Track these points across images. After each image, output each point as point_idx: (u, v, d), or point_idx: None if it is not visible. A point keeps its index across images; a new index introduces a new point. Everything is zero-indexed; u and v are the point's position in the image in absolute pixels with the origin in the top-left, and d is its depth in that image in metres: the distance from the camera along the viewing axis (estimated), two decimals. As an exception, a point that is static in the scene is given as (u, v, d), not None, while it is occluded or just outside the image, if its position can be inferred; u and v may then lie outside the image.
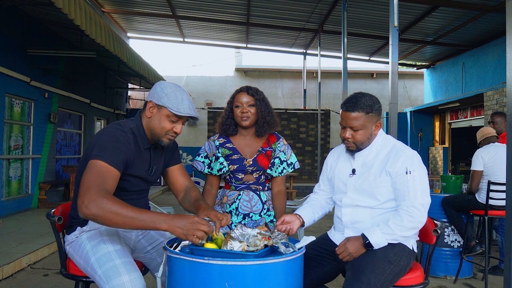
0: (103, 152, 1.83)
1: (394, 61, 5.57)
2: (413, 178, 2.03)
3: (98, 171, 1.79)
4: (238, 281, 1.58)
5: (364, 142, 2.14)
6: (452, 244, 4.34)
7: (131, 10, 11.48)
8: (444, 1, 8.71)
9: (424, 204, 2.02)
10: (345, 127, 2.14)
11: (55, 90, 8.64)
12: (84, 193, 1.71)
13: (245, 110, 2.48)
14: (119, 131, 1.94)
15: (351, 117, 2.09)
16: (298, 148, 14.45)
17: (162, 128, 1.98)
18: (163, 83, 2.01)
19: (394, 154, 2.10)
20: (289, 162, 2.61)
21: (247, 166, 2.51)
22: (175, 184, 2.26)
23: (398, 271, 2.02)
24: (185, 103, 1.96)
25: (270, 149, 2.59)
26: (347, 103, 2.12)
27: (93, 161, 1.82)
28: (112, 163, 1.83)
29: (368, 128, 2.11)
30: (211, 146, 2.60)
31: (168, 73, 15.77)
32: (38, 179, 8.17)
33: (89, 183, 1.74)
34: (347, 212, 2.19)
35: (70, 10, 5.03)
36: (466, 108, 11.41)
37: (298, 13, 10.50)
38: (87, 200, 1.69)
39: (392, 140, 2.21)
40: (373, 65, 15.65)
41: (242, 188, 2.54)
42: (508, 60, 2.89)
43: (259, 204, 2.53)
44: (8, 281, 4.07)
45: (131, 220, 1.69)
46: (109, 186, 1.79)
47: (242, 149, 2.56)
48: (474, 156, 4.21)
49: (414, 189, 2.02)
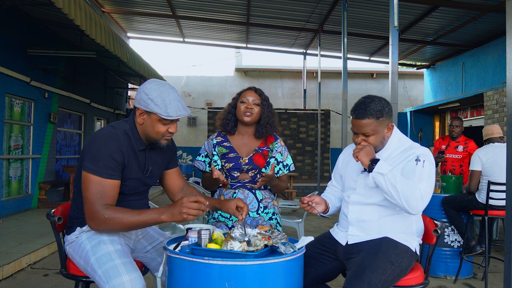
0: (96, 165, 1.86)
1: (394, 61, 5.57)
2: (422, 166, 2.02)
3: (95, 187, 1.85)
4: (238, 281, 1.58)
5: (378, 146, 2.14)
6: (452, 244, 4.34)
7: (131, 10, 11.48)
8: (444, 1, 8.71)
9: (424, 193, 1.98)
10: (357, 133, 2.14)
11: (55, 90, 8.64)
12: (89, 211, 1.85)
13: (250, 107, 2.51)
14: (111, 133, 1.93)
15: (362, 124, 2.09)
16: (298, 148, 14.45)
17: (156, 132, 1.97)
18: (147, 87, 1.94)
19: (408, 150, 2.11)
20: (285, 163, 2.63)
21: (242, 165, 2.52)
22: (172, 186, 2.27)
23: (399, 272, 2.02)
24: (173, 104, 1.91)
25: (267, 149, 2.60)
26: (357, 110, 2.11)
27: (88, 175, 1.87)
28: (107, 175, 1.86)
29: (380, 132, 2.11)
30: (209, 144, 2.63)
31: (168, 73, 15.76)
32: (38, 179, 8.17)
33: (89, 202, 1.85)
34: (354, 210, 2.18)
35: (70, 10, 5.03)
36: (466, 108, 11.41)
37: (298, 13, 10.50)
38: (92, 222, 1.86)
39: (408, 141, 2.20)
40: (373, 65, 15.65)
41: (237, 187, 2.55)
42: (508, 60, 2.89)
43: (255, 203, 2.54)
44: (8, 281, 4.07)
45: (135, 223, 1.86)
46: (109, 199, 1.87)
47: (239, 148, 2.57)
48: (472, 156, 4.25)
49: (420, 175, 2.00)
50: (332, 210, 2.30)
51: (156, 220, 1.83)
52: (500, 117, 8.55)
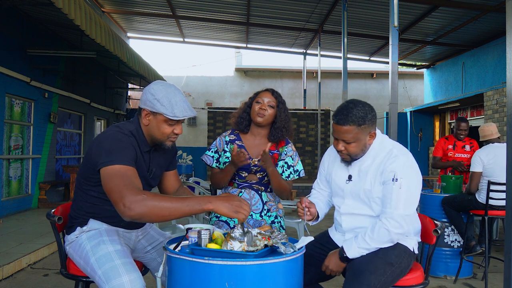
0: (113, 156, 1.79)
1: (394, 61, 5.58)
2: (399, 187, 1.95)
3: (120, 174, 1.74)
4: (238, 281, 1.58)
5: (358, 153, 2.07)
6: (452, 244, 4.34)
7: (131, 10, 11.48)
8: (444, 1, 8.71)
9: (404, 215, 1.96)
10: (338, 139, 2.07)
11: (55, 90, 8.64)
12: (120, 198, 1.67)
13: (264, 108, 2.49)
14: (119, 133, 1.92)
15: (343, 130, 2.00)
16: (298, 148, 14.45)
17: (162, 133, 1.97)
18: (153, 88, 1.95)
19: (386, 160, 2.03)
20: (296, 168, 2.60)
21: (251, 166, 2.51)
22: (168, 187, 2.27)
23: (399, 272, 2.02)
24: (179, 104, 1.92)
25: (277, 152, 2.59)
26: (338, 115, 2.02)
27: (107, 168, 1.77)
28: (126, 162, 1.80)
29: (361, 140, 2.03)
30: (221, 141, 2.63)
31: (168, 73, 15.76)
32: (38, 179, 8.17)
33: (119, 187, 1.69)
34: (347, 220, 2.17)
35: (70, 10, 5.03)
36: (466, 108, 11.41)
37: (298, 13, 10.50)
38: (128, 202, 1.65)
39: (389, 144, 2.11)
40: (373, 65, 15.66)
41: (244, 187, 2.55)
42: (508, 60, 2.89)
43: (259, 204, 2.53)
44: (8, 281, 4.07)
45: (176, 209, 1.68)
46: (138, 184, 1.77)
47: (250, 148, 2.56)
48: (473, 157, 4.22)
49: (397, 198, 1.95)
50: (320, 218, 2.27)
51: (201, 206, 1.70)
52: (500, 117, 8.55)
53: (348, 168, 2.16)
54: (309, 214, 2.15)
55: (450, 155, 5.09)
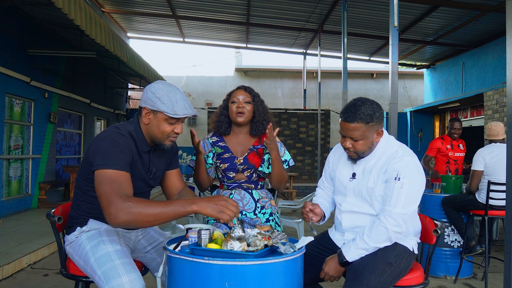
0: (107, 160, 1.81)
1: (394, 61, 5.57)
2: (400, 186, 1.96)
3: (110, 180, 1.76)
4: (238, 281, 1.58)
5: (366, 151, 2.08)
6: (452, 244, 4.34)
7: (131, 10, 11.48)
8: (444, 1, 8.71)
9: (403, 214, 1.96)
10: (345, 136, 2.08)
11: (55, 90, 8.64)
12: (107, 205, 1.71)
13: (241, 106, 2.48)
14: (117, 134, 1.92)
15: (351, 127, 2.02)
16: (298, 148, 14.46)
17: (162, 132, 1.97)
18: (154, 86, 1.96)
19: (391, 160, 2.04)
20: (283, 159, 2.58)
21: (238, 165, 2.50)
22: (171, 187, 2.26)
23: (398, 272, 2.01)
24: (180, 103, 1.93)
25: (262, 146, 2.57)
26: (346, 112, 2.03)
27: (100, 171, 1.79)
28: (119, 167, 1.81)
29: (369, 137, 2.04)
30: (206, 144, 2.61)
31: (168, 73, 15.77)
32: (38, 179, 8.17)
33: (107, 193, 1.73)
34: (347, 218, 2.17)
35: (70, 10, 5.03)
36: (466, 108, 11.41)
37: (298, 13, 10.50)
38: (114, 210, 1.69)
39: (395, 145, 2.12)
40: (373, 65, 15.66)
41: (234, 187, 2.54)
42: (508, 60, 2.89)
43: (251, 203, 2.52)
44: (8, 281, 4.07)
45: (161, 214, 1.71)
46: (127, 190, 1.78)
47: (233, 147, 2.55)
48: (475, 156, 4.20)
49: (398, 197, 1.96)
50: (326, 217, 2.29)
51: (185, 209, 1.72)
52: (500, 117, 8.55)
53: (353, 166, 2.17)
54: (314, 216, 2.18)
55: (451, 155, 5.26)
